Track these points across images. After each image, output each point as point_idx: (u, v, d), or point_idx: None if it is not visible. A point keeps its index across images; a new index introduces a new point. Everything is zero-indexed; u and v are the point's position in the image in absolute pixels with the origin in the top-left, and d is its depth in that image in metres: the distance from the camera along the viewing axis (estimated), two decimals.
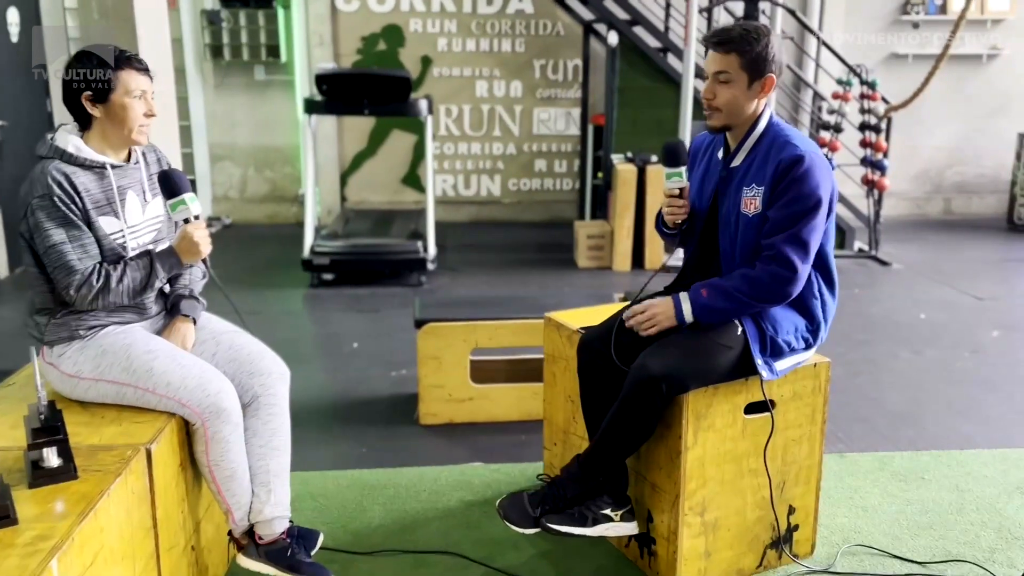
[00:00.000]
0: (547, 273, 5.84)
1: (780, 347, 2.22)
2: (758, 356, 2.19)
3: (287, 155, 7.31)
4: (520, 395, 3.43)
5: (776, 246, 2.14)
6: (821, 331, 2.29)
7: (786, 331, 2.22)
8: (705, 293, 2.21)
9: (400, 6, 7.16)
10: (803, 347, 2.28)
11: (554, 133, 7.57)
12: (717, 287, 2.20)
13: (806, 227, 2.12)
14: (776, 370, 2.22)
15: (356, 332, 4.57)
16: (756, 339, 2.20)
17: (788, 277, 2.13)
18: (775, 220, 2.15)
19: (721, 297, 2.19)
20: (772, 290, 2.15)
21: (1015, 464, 3.05)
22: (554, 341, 2.79)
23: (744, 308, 2.18)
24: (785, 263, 2.13)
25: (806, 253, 2.14)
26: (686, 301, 2.23)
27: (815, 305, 2.26)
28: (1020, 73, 7.73)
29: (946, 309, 4.98)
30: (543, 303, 3.58)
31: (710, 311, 2.20)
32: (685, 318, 2.22)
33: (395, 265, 5.46)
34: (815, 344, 2.31)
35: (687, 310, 2.21)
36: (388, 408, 3.57)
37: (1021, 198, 7.20)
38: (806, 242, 2.13)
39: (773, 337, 2.21)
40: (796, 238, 2.12)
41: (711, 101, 2.22)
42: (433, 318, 3.36)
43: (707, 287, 2.22)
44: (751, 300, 2.16)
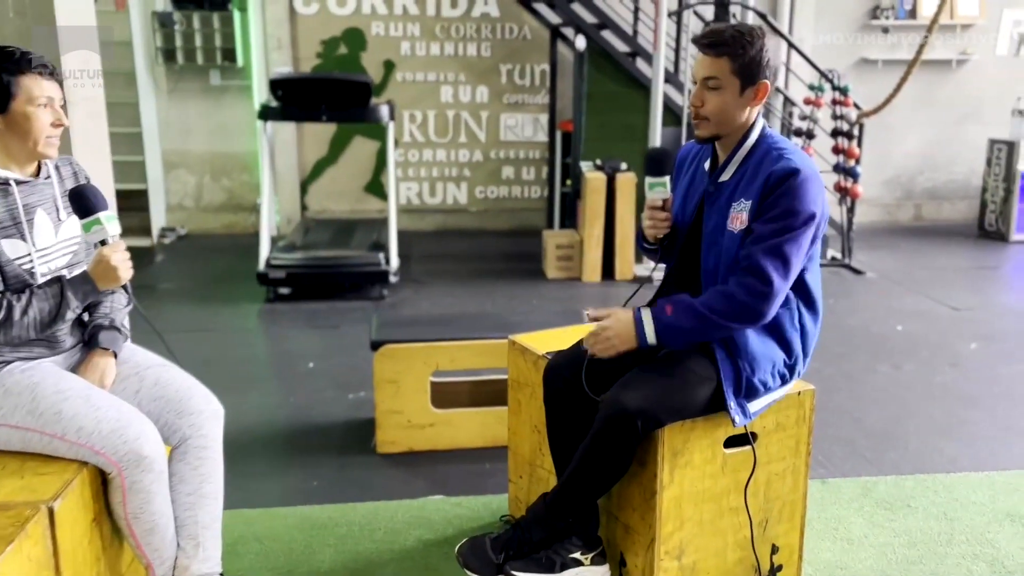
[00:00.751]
0: (515, 284, 5.65)
1: (755, 388, 2.03)
2: (731, 398, 2.00)
3: (245, 162, 7.04)
4: (485, 420, 3.22)
5: (752, 256, 1.95)
6: (799, 365, 2.11)
7: (764, 370, 2.03)
8: (670, 310, 1.99)
9: (361, 9, 6.93)
10: (778, 384, 2.09)
11: (522, 139, 7.38)
12: (683, 304, 1.99)
13: (791, 242, 1.93)
14: (750, 413, 2.04)
15: (312, 350, 4.34)
16: (731, 379, 2.01)
17: (762, 292, 1.92)
18: (759, 232, 1.96)
19: (687, 315, 1.97)
20: (744, 306, 1.94)
21: (1003, 488, 2.91)
22: (519, 366, 2.60)
23: (713, 329, 1.97)
24: (760, 275, 1.93)
25: (786, 269, 1.94)
26: (648, 320, 2.00)
27: (794, 337, 2.07)
28: (990, 78, 7.68)
29: (923, 320, 4.86)
30: (508, 321, 3.39)
31: (675, 331, 1.99)
32: (647, 339, 2.00)
33: (355, 278, 5.23)
34: (791, 380, 2.12)
35: (649, 331, 2.00)
36: (343, 435, 3.35)
37: (992, 204, 7.15)
38: (787, 257, 1.93)
39: (749, 378, 2.01)
40: (776, 250, 1.93)
41: (699, 109, 2.02)
42: (390, 339, 3.14)
43: (672, 303, 2.00)
44: (720, 319, 1.95)
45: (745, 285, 1.94)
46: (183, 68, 6.74)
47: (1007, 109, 7.33)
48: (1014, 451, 3.18)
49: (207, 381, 2.11)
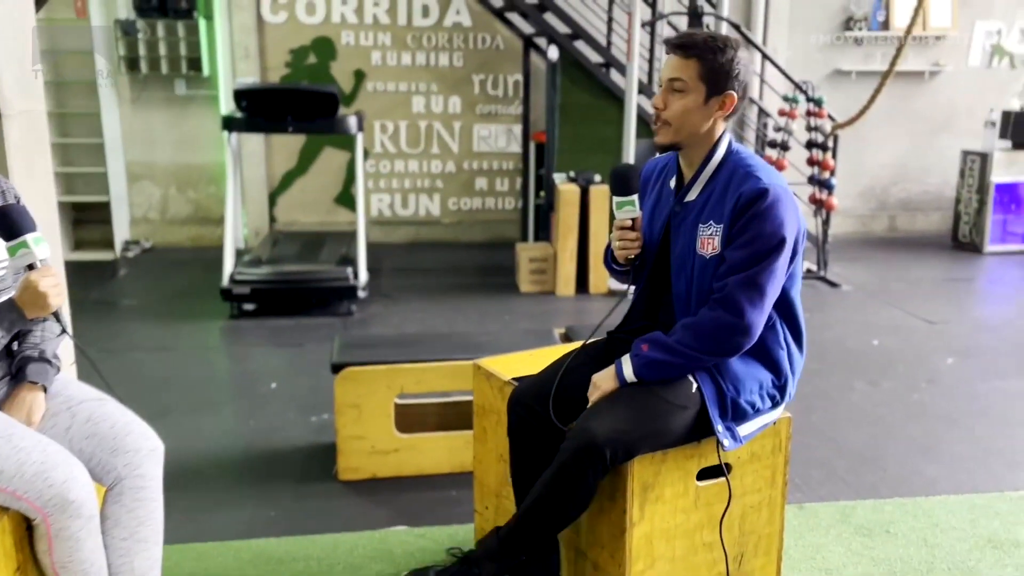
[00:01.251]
0: (487, 299, 5.53)
1: (743, 410, 1.93)
2: (718, 422, 1.90)
3: (211, 174, 6.88)
4: (452, 445, 3.10)
5: (726, 289, 1.86)
6: (789, 386, 2.01)
7: (750, 390, 1.94)
8: (646, 348, 1.92)
9: (331, 18, 6.81)
10: (769, 406, 1.99)
11: (495, 150, 7.28)
12: (659, 341, 1.92)
13: (765, 271, 1.84)
14: (740, 436, 1.94)
15: (276, 370, 4.19)
16: (715, 401, 1.91)
17: (735, 326, 1.84)
18: (731, 261, 1.87)
19: (664, 351, 1.90)
20: (717, 340, 1.86)
21: (983, 512, 2.83)
22: (484, 392, 2.48)
23: (691, 362, 1.90)
24: (732, 308, 1.84)
25: (761, 299, 1.85)
26: (627, 361, 1.95)
27: (781, 356, 1.98)
28: (962, 89, 7.70)
29: (898, 334, 4.80)
30: (476, 341, 3.28)
31: (652, 366, 1.91)
32: (626, 377, 1.93)
33: (322, 293, 5.10)
34: (782, 402, 2.03)
35: (627, 368, 1.93)
36: (304, 461, 3.21)
37: (966, 216, 7.14)
38: (762, 287, 1.85)
39: (735, 399, 1.92)
40: (751, 282, 1.84)
41: (660, 112, 1.93)
42: (352, 361, 3.02)
43: (648, 341, 1.93)
44: (696, 353, 1.87)
45: (715, 319, 1.86)
46: (147, 77, 6.57)
47: (979, 120, 7.35)
48: (993, 473, 3.11)
49: (163, 404, 1.98)
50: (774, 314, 1.95)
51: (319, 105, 4.96)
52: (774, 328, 1.97)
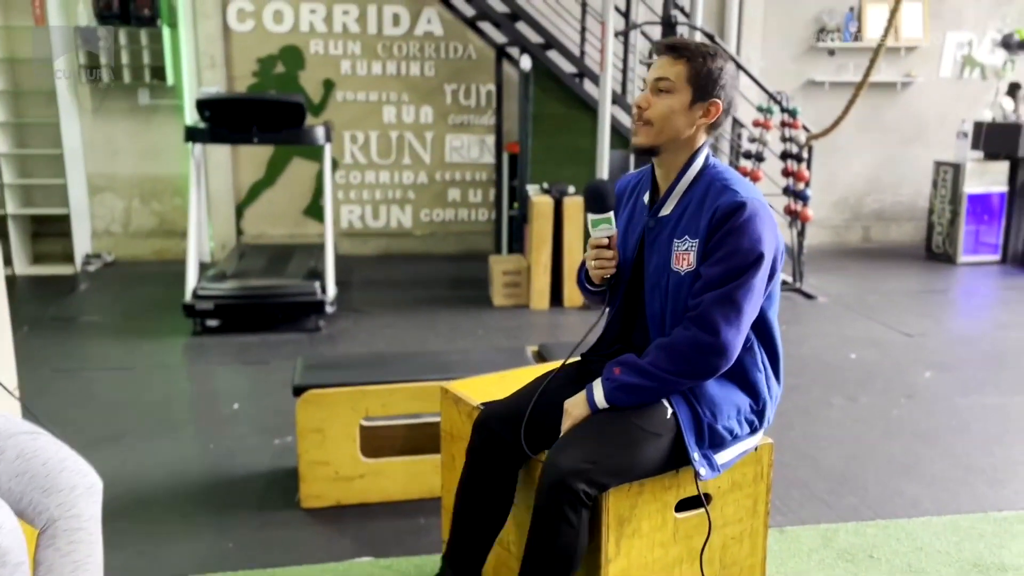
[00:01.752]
0: (460, 313, 5.41)
1: (721, 436, 1.84)
2: (694, 449, 1.80)
3: (176, 185, 6.71)
4: (420, 469, 2.97)
5: (701, 306, 1.77)
6: (767, 411, 1.92)
7: (727, 415, 1.84)
8: (618, 371, 1.83)
9: (299, 26, 6.68)
10: (747, 432, 1.90)
11: (467, 161, 7.17)
12: (631, 363, 1.82)
13: (742, 287, 1.75)
14: (717, 465, 1.84)
15: (239, 389, 4.04)
16: (691, 427, 1.81)
17: (710, 345, 1.75)
18: (707, 277, 1.77)
19: (636, 375, 1.80)
20: (693, 361, 1.77)
21: (967, 535, 2.75)
22: (452, 418, 2.36)
23: (665, 385, 1.80)
24: (708, 327, 1.75)
25: (737, 318, 1.76)
26: (598, 385, 1.85)
27: (759, 380, 1.88)
28: (934, 100, 7.73)
29: (876, 347, 4.75)
30: (446, 361, 3.16)
31: (624, 390, 1.81)
32: (597, 403, 1.83)
33: (289, 308, 4.95)
34: (761, 427, 1.93)
35: (598, 393, 1.83)
36: (266, 487, 3.07)
37: (939, 226, 7.14)
38: (739, 305, 1.75)
39: (711, 424, 1.82)
40: (727, 299, 1.74)
41: (643, 111, 1.84)
42: (315, 383, 2.88)
43: (621, 364, 1.83)
44: (670, 375, 1.78)
45: (690, 339, 1.76)
46: (109, 87, 6.40)
47: (951, 131, 7.37)
48: (976, 492, 3.03)
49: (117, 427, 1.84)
50: (751, 335, 1.86)
51: (285, 115, 4.83)
52: (752, 350, 1.87)
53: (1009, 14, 6.97)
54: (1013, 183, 6.89)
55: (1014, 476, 3.16)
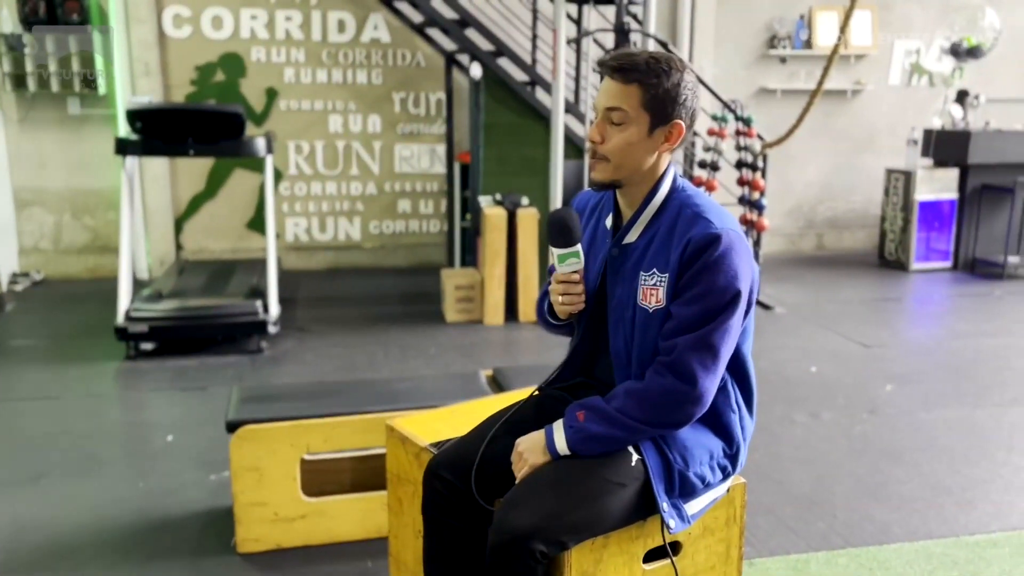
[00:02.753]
0: (411, 330, 5.21)
1: (692, 484, 1.68)
2: (663, 499, 1.65)
3: (110, 199, 6.39)
4: (368, 507, 2.77)
5: (675, 352, 1.61)
6: (741, 454, 1.77)
7: (699, 461, 1.69)
8: (583, 416, 1.66)
9: (240, 33, 6.42)
10: (720, 479, 1.75)
11: (418, 171, 6.98)
12: (598, 409, 1.65)
13: (718, 329, 1.60)
14: (688, 516, 1.69)
15: (174, 419, 3.79)
16: (660, 475, 1.65)
17: (686, 394, 1.59)
18: (681, 318, 1.62)
19: (603, 422, 1.64)
20: (666, 411, 1.61)
21: (940, 562, 2.65)
22: (399, 458, 2.18)
23: (634, 435, 1.65)
24: (684, 375, 1.59)
25: (714, 362, 1.61)
26: (559, 427, 1.67)
27: (733, 421, 1.74)
28: (884, 108, 7.76)
29: (835, 360, 4.67)
30: (394, 390, 2.97)
31: (588, 439, 1.64)
32: (558, 450, 1.66)
33: (230, 329, 4.69)
34: (734, 472, 1.78)
35: (559, 440, 1.66)
36: (201, 529, 2.84)
37: (891, 234, 7.16)
38: (715, 348, 1.60)
39: (683, 472, 1.66)
40: (703, 343, 1.59)
41: (597, 146, 1.66)
42: (251, 418, 2.67)
43: (585, 408, 1.66)
44: (640, 424, 1.62)
45: (664, 387, 1.61)
46: (36, 96, 6.07)
47: (901, 138, 7.41)
48: (945, 515, 2.94)
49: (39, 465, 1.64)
50: (725, 374, 1.71)
51: (223, 126, 4.58)
52: (725, 390, 1.72)
53: (956, 22, 7.02)
54: (963, 190, 6.93)
55: (982, 496, 3.08)
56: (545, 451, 1.66)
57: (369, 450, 2.94)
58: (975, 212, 6.95)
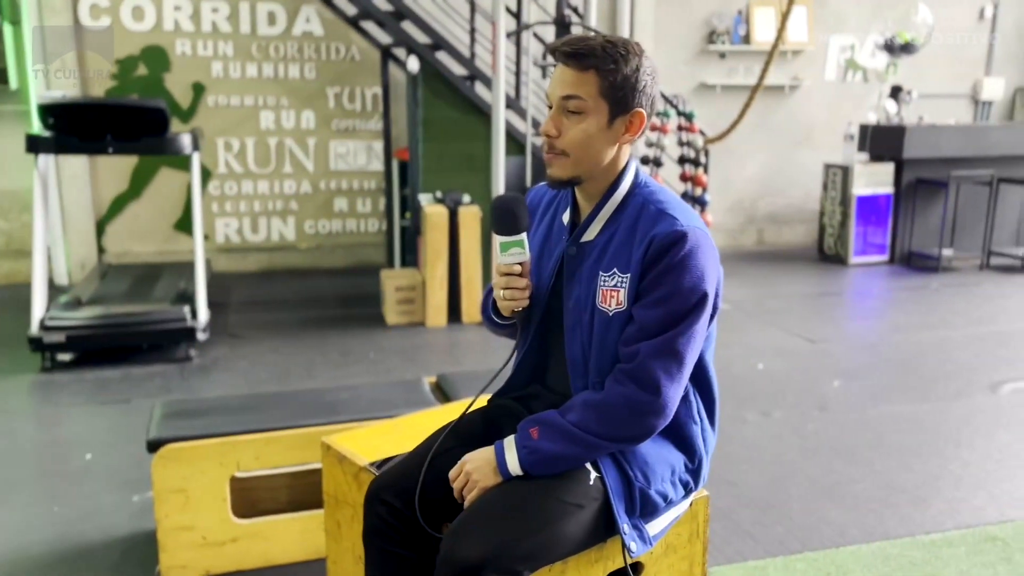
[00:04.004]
0: (350, 334, 5.01)
1: (654, 503, 1.56)
2: (624, 520, 1.52)
3: (25, 200, 6.01)
4: (306, 526, 2.59)
5: (637, 359, 1.48)
6: (703, 468, 1.66)
7: (661, 478, 1.57)
8: (536, 434, 1.51)
9: (163, 24, 6.11)
10: (682, 495, 1.63)
11: (354, 169, 6.76)
12: (554, 425, 1.51)
13: (683, 334, 1.48)
14: (649, 537, 1.56)
15: (93, 435, 3.54)
16: (621, 494, 1.53)
17: (649, 405, 1.47)
18: (643, 322, 1.49)
19: (560, 438, 1.50)
20: (629, 424, 1.48)
21: (898, 563, 2.60)
22: (336, 479, 2.01)
23: (593, 452, 1.52)
24: (648, 384, 1.47)
25: (679, 370, 1.49)
26: (510, 446, 1.53)
27: (695, 433, 1.62)
28: (820, 103, 7.83)
29: (782, 356, 4.64)
30: (331, 401, 2.78)
31: (542, 459, 1.50)
32: (509, 470, 1.52)
33: (155, 337, 4.43)
34: (696, 487, 1.67)
35: (511, 460, 1.52)
36: (122, 556, 2.62)
37: (830, 228, 7.22)
38: (680, 355, 1.48)
39: (644, 490, 1.54)
40: (668, 349, 1.47)
41: (553, 140, 1.52)
42: (174, 436, 2.46)
43: (540, 425, 1.52)
44: (600, 440, 1.49)
45: (627, 397, 1.48)
46: None
47: (837, 134, 7.48)
48: (900, 514, 2.90)
49: None
50: (688, 383, 1.59)
51: (145, 122, 4.31)
52: (687, 400, 1.61)
53: (890, 17, 7.11)
54: (898, 184, 7.02)
55: (935, 494, 3.05)
56: (496, 472, 1.52)
57: (307, 465, 2.76)
58: (910, 206, 7.06)
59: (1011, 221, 7.28)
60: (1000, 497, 3.01)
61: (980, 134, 7.10)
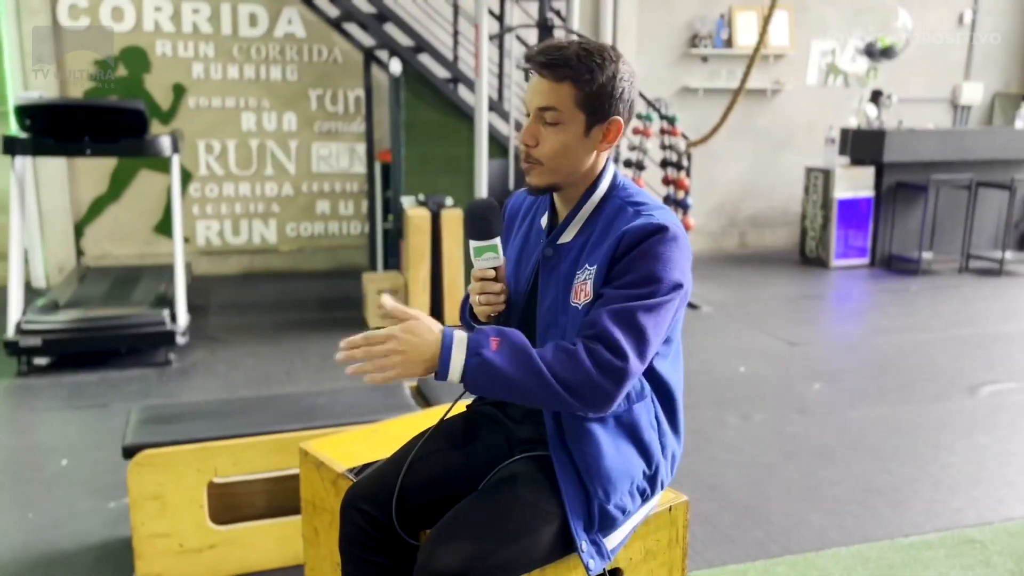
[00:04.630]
0: (331, 337, 4.98)
1: (612, 517, 1.54)
2: (581, 537, 1.50)
3: (2, 202, 5.94)
4: (285, 532, 2.57)
5: (599, 323, 1.41)
6: (660, 473, 1.63)
7: (621, 491, 1.54)
8: (496, 345, 1.39)
9: (143, 25, 6.06)
10: (639, 504, 1.61)
11: (337, 171, 6.73)
12: (517, 345, 1.40)
13: (650, 311, 1.42)
14: (608, 552, 1.55)
15: (70, 441, 3.49)
16: (579, 511, 1.51)
17: (616, 368, 1.38)
18: (607, 297, 1.45)
19: (518, 361, 1.38)
20: (591, 380, 1.38)
21: (876, 566, 2.61)
22: (314, 485, 1.99)
23: (542, 394, 1.39)
24: (616, 349, 1.39)
25: (640, 343, 1.41)
26: (460, 347, 1.39)
27: (652, 439, 1.59)
28: (802, 107, 7.88)
29: (763, 358, 4.66)
30: (309, 405, 2.77)
31: (491, 375, 1.38)
32: (448, 372, 1.39)
33: (134, 341, 4.39)
34: (654, 495, 1.65)
35: (456, 363, 1.38)
36: (97, 564, 2.58)
37: (812, 231, 7.26)
38: (640, 328, 1.41)
39: (603, 506, 1.52)
40: (627, 318, 1.41)
41: (531, 149, 1.51)
42: (150, 442, 2.44)
43: (502, 337, 1.41)
44: (559, 387, 1.38)
45: (593, 352, 1.39)
46: None
47: (819, 137, 7.52)
48: (879, 516, 2.91)
49: None
50: (646, 385, 1.58)
51: (124, 123, 4.27)
52: (645, 400, 1.58)
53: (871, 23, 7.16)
54: (879, 188, 7.07)
55: (913, 496, 3.06)
56: (425, 363, 1.38)
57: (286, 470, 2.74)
58: (891, 209, 7.11)
59: (989, 224, 7.35)
60: (979, 499, 3.03)
61: (959, 138, 7.16)
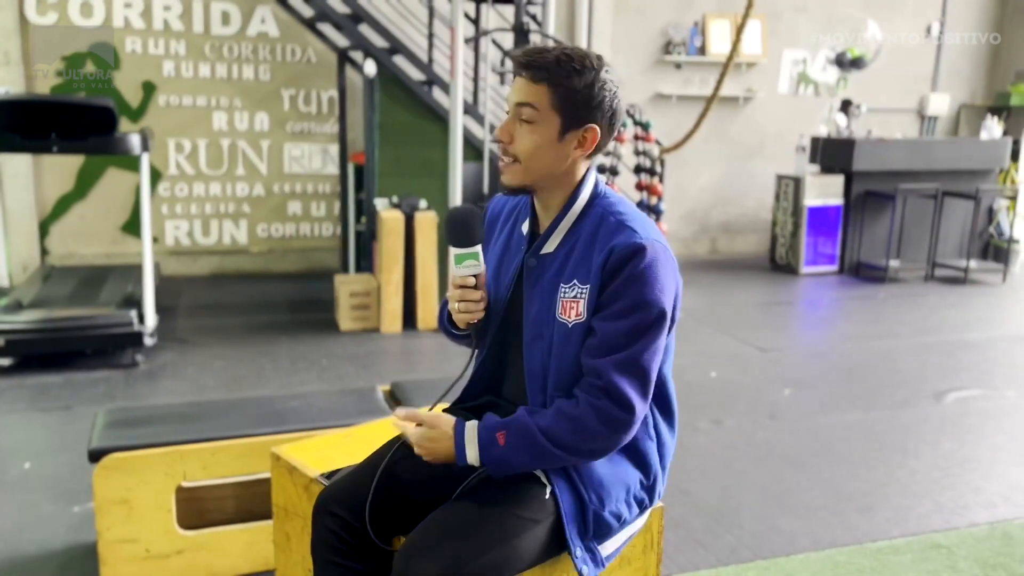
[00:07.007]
0: (302, 340, 4.94)
1: (607, 524, 1.54)
2: (576, 543, 1.50)
3: None
4: (254, 537, 2.53)
5: (606, 376, 1.46)
6: (658, 484, 1.65)
7: (616, 498, 1.55)
8: (503, 439, 1.48)
9: (112, 21, 5.97)
10: (636, 513, 1.62)
11: (309, 172, 6.68)
12: (521, 431, 1.48)
13: (648, 349, 1.47)
14: (602, 559, 1.55)
15: (32, 444, 3.42)
16: (574, 517, 1.51)
17: (624, 421, 1.46)
18: (605, 335, 1.47)
19: (526, 449, 1.47)
20: (600, 439, 1.46)
21: (846, 571, 2.63)
22: (286, 490, 1.97)
23: (552, 461, 1.50)
24: (620, 401, 1.45)
25: (645, 385, 1.48)
26: (472, 442, 1.50)
27: (650, 449, 1.61)
28: (773, 115, 7.96)
29: (734, 364, 4.70)
30: (280, 409, 2.73)
31: (503, 464, 1.49)
32: (467, 462, 1.51)
33: (100, 342, 4.31)
34: (651, 504, 1.66)
35: (471, 455, 1.50)
36: (60, 569, 2.53)
37: (782, 238, 7.33)
38: (646, 370, 1.47)
39: (598, 512, 1.52)
40: (634, 365, 1.46)
41: (506, 146, 1.52)
42: (117, 445, 2.39)
43: (506, 429, 1.48)
44: (564, 453, 1.47)
45: (600, 410, 1.45)
46: None
47: (789, 145, 7.61)
48: (848, 522, 2.94)
49: None
50: None
51: (91, 121, 4.19)
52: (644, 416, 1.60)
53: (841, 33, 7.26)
54: (848, 196, 7.16)
55: (881, 501, 3.10)
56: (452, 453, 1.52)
57: (256, 475, 2.70)
58: (859, 217, 7.21)
59: (955, 233, 7.48)
60: (945, 505, 3.07)
61: (926, 148, 7.28)
